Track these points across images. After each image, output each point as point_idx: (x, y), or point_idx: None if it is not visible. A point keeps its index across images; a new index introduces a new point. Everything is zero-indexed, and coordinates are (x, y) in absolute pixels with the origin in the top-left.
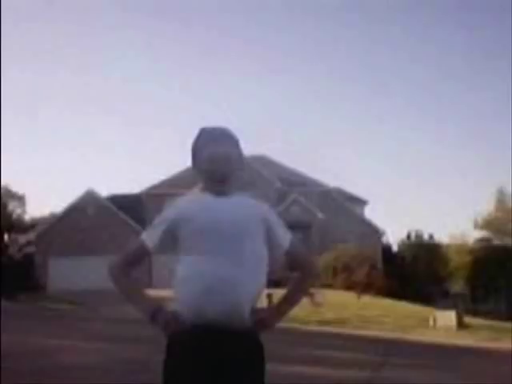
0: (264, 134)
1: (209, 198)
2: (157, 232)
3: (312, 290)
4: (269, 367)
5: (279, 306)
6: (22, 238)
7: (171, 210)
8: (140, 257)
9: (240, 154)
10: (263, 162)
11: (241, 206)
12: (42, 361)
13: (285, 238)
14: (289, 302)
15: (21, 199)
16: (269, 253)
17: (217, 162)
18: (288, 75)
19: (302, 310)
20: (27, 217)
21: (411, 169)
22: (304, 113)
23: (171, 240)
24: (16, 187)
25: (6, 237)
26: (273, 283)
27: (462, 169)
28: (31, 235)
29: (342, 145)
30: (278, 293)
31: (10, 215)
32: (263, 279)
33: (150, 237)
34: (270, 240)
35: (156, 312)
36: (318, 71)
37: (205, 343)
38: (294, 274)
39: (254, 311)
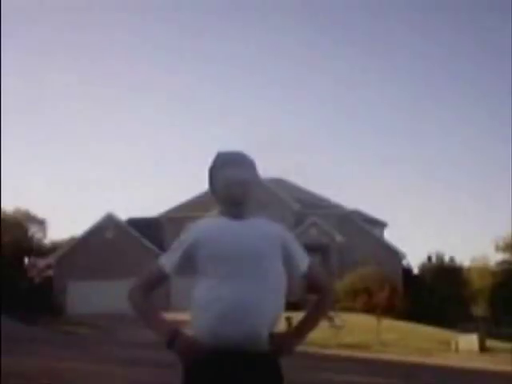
0: (281, 156)
1: (226, 221)
2: (175, 255)
3: (332, 313)
4: None
5: (297, 330)
6: (42, 262)
7: (189, 234)
8: (158, 280)
9: (256, 176)
10: (281, 184)
11: (258, 229)
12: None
13: (303, 260)
14: (307, 325)
15: (41, 223)
16: (287, 275)
17: (232, 185)
18: (304, 97)
19: (321, 333)
20: (47, 241)
21: (431, 191)
22: (324, 136)
23: (189, 263)
24: (37, 211)
25: (26, 260)
26: (291, 306)
27: (483, 191)
28: (51, 259)
29: (362, 168)
30: (297, 315)
31: (30, 239)
32: (282, 302)
33: (168, 260)
34: (288, 262)
35: (174, 336)
36: (335, 91)
37: (222, 368)
38: (313, 297)
39: (272, 336)
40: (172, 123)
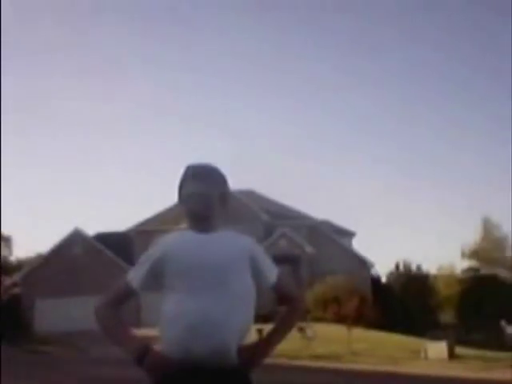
0: (250, 167)
1: (192, 235)
2: (142, 271)
3: (303, 324)
4: None
5: (266, 342)
6: (8, 280)
7: (155, 248)
8: (125, 296)
9: (223, 190)
10: (250, 195)
11: (225, 242)
12: None
13: (271, 271)
14: (276, 336)
15: (7, 240)
16: (256, 287)
17: (194, 200)
18: (273, 107)
19: (292, 344)
20: (13, 258)
21: (398, 199)
22: (290, 146)
23: (156, 279)
24: (2, 228)
25: None
26: (262, 318)
27: (448, 198)
28: (17, 276)
29: (329, 177)
30: (268, 328)
31: None
32: (250, 315)
33: (135, 275)
34: (257, 274)
35: (143, 352)
36: (304, 102)
37: (192, 383)
38: (283, 309)
39: (240, 348)
40: (140, 135)
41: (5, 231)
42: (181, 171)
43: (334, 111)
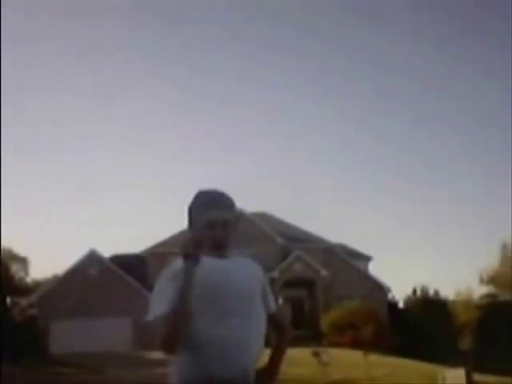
0: (265, 190)
1: (210, 261)
2: (166, 298)
3: (318, 349)
4: None
5: (273, 366)
6: (24, 301)
7: (175, 274)
8: None
9: (236, 216)
10: (265, 218)
11: (242, 268)
12: None
13: (272, 300)
14: (278, 360)
15: (23, 261)
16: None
17: (215, 228)
18: (287, 129)
19: (307, 369)
20: (29, 279)
21: (415, 224)
22: (307, 169)
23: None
24: (18, 249)
25: (7, 300)
26: None
27: (466, 224)
28: (33, 297)
29: (345, 200)
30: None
31: (12, 278)
32: (263, 341)
33: (162, 307)
34: (264, 302)
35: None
36: (317, 123)
37: None
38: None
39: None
40: (157, 156)
41: (21, 252)
42: (192, 194)
43: (349, 133)
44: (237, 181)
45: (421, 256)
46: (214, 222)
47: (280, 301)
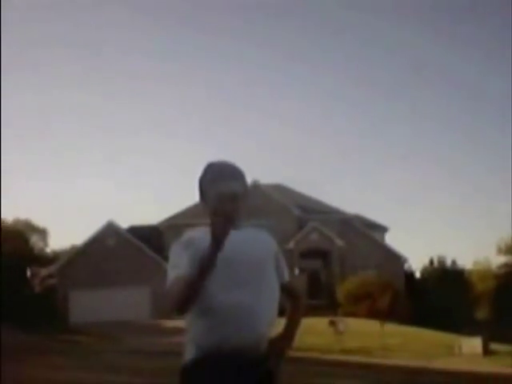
0: (282, 162)
1: None
2: (183, 262)
3: (334, 319)
4: None
5: (287, 335)
6: (44, 271)
7: (188, 246)
8: None
9: (246, 188)
10: (281, 190)
11: (254, 239)
12: None
13: (286, 270)
14: (293, 331)
15: (42, 233)
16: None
17: (225, 200)
18: (303, 101)
19: (324, 338)
20: (49, 249)
21: (432, 194)
22: (322, 140)
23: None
24: (38, 221)
25: (27, 270)
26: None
27: (484, 194)
28: (52, 268)
29: (362, 171)
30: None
31: (31, 249)
32: (276, 309)
33: (181, 270)
34: (277, 272)
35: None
36: (333, 97)
37: (223, 373)
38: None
39: (269, 340)
40: (172, 130)
41: (40, 224)
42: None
43: (367, 105)
44: (252, 153)
45: (439, 226)
46: (224, 194)
47: (296, 271)
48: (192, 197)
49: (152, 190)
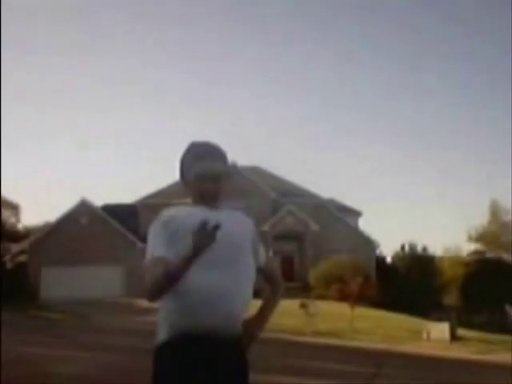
0: (258, 145)
1: (201, 211)
2: (162, 242)
3: (306, 301)
4: (259, 378)
5: (261, 317)
6: (15, 247)
7: (163, 221)
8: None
9: (227, 168)
10: (258, 172)
11: (232, 219)
12: (32, 369)
13: (263, 253)
14: (268, 312)
15: (15, 208)
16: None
17: (205, 180)
18: (280, 86)
19: (294, 320)
20: (21, 226)
21: (405, 180)
22: (298, 124)
23: (172, 250)
24: (10, 196)
25: None
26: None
27: (456, 181)
28: (25, 244)
29: (336, 156)
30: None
31: (3, 224)
32: (252, 291)
33: (161, 251)
34: (254, 255)
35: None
36: (311, 81)
37: (195, 353)
38: (267, 287)
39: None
40: (149, 109)
41: (13, 199)
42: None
43: (341, 91)
44: (229, 135)
45: (411, 213)
46: (205, 174)
47: (270, 253)
48: (169, 176)
49: (129, 169)
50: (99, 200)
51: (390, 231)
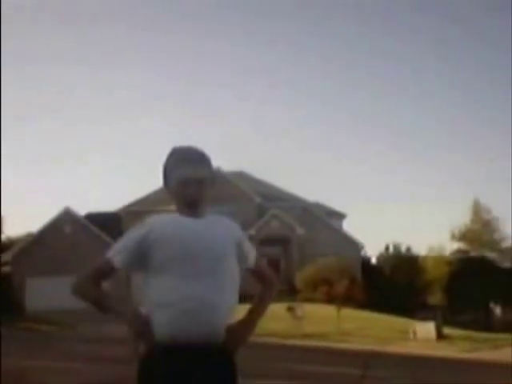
0: (243, 149)
1: (184, 220)
2: (126, 250)
3: (292, 304)
4: (247, 383)
5: (249, 320)
6: None
7: (143, 228)
8: (105, 274)
9: (211, 173)
10: (243, 177)
11: (215, 227)
12: (18, 382)
13: (251, 254)
14: (257, 314)
15: None
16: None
17: (188, 185)
18: (267, 89)
19: (282, 324)
20: (3, 236)
21: (388, 181)
22: (282, 127)
23: (141, 259)
24: None
25: None
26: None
27: (438, 181)
28: (8, 255)
29: (320, 159)
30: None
31: None
32: (236, 298)
33: (118, 254)
34: (240, 258)
35: (137, 315)
36: (296, 83)
37: (180, 360)
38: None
39: (227, 328)
40: (132, 116)
41: None
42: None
43: (324, 94)
44: (214, 140)
45: (394, 213)
46: (188, 179)
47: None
48: (152, 183)
49: (111, 177)
50: (82, 209)
51: (374, 232)
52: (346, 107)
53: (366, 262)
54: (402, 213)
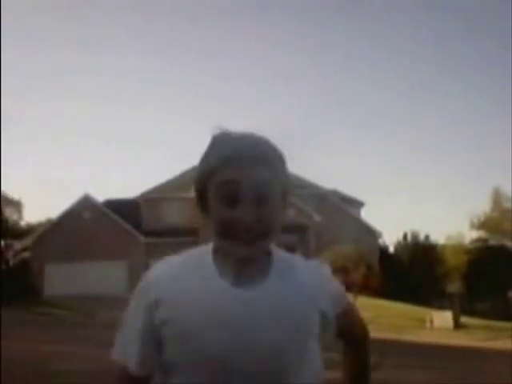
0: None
1: (221, 285)
2: (134, 347)
3: None
4: None
5: None
6: (18, 244)
7: (146, 291)
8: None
9: (286, 182)
10: None
11: (280, 300)
12: (36, 366)
13: (340, 297)
14: None
15: (17, 205)
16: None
17: (237, 205)
18: (284, 77)
19: None
20: (23, 222)
21: (407, 169)
22: (300, 114)
23: (157, 351)
24: (12, 193)
25: (1, 243)
26: None
27: (458, 169)
28: (27, 241)
29: (339, 146)
30: None
31: (5, 221)
32: None
33: (128, 355)
34: (324, 326)
35: None
36: (313, 72)
37: None
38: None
39: None
40: (151, 105)
41: (15, 196)
42: (189, 141)
43: (344, 80)
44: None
45: (413, 202)
46: (242, 190)
47: None
48: (170, 170)
49: (130, 164)
50: (101, 195)
51: (392, 220)
52: (367, 94)
53: (383, 250)
54: (421, 201)
